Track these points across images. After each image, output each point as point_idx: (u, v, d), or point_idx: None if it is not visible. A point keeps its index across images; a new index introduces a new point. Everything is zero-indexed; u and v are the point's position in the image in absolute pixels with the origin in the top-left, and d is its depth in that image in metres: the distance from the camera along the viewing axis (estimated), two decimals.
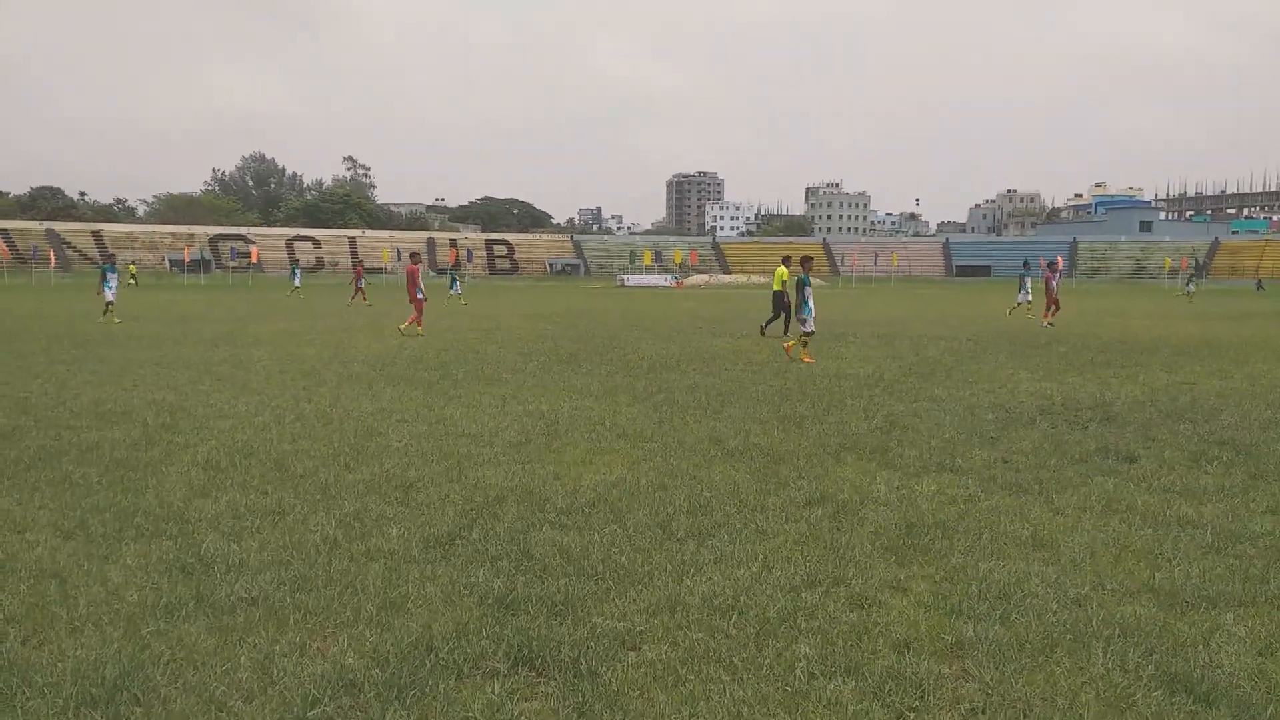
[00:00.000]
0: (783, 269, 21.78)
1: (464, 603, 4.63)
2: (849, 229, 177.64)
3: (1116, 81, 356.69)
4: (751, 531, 5.89)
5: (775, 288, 21.86)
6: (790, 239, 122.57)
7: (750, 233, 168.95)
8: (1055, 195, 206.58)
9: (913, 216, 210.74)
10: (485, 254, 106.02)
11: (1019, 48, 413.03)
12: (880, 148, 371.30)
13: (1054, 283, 25.33)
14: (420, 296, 21.83)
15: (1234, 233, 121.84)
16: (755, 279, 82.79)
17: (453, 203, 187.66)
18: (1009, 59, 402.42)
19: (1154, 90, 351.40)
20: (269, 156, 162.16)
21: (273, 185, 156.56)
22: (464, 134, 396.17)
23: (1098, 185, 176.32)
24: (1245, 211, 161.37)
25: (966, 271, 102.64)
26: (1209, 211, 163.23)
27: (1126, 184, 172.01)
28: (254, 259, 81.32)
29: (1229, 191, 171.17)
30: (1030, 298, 29.74)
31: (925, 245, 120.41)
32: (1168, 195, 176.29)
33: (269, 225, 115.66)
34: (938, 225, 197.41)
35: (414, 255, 23.24)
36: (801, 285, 16.08)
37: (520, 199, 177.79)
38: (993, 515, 6.29)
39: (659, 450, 8.37)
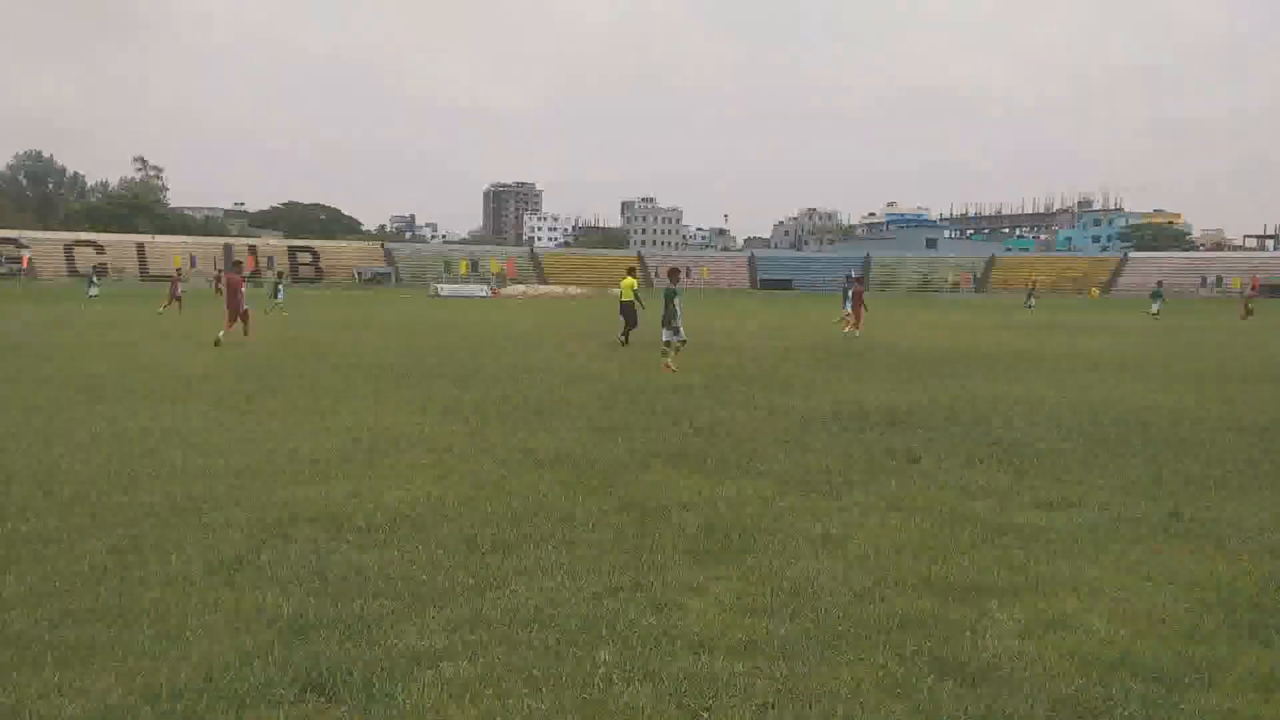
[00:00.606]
0: (630, 280, 22.41)
1: (250, 629, 4.38)
2: (663, 242, 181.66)
3: (908, 108, 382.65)
4: (558, 541, 5.89)
5: (625, 298, 22.30)
6: (608, 251, 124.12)
7: (568, 244, 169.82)
8: (852, 213, 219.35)
9: (721, 232, 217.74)
10: (288, 261, 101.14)
11: (825, 73, 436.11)
12: (692, 164, 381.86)
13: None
14: (245, 308, 20.72)
15: (1007, 250, 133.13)
16: (573, 290, 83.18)
17: (254, 207, 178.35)
18: (814, 82, 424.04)
19: (942, 119, 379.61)
20: (46, 155, 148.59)
21: (50, 186, 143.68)
22: (275, 141, 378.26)
23: (889, 204, 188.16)
24: (1017, 231, 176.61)
25: (770, 285, 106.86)
26: (987, 230, 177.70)
27: (915, 203, 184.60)
28: (25, 265, 74.42)
29: (1004, 213, 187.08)
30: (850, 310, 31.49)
31: (733, 259, 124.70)
32: (951, 215, 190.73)
33: (46, 229, 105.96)
34: (744, 240, 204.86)
35: (236, 264, 22.03)
36: (671, 296, 16.43)
37: (327, 204, 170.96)
38: (788, 515, 6.56)
39: (469, 463, 8.23)
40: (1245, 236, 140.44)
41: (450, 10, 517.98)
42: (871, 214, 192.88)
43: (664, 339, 16.44)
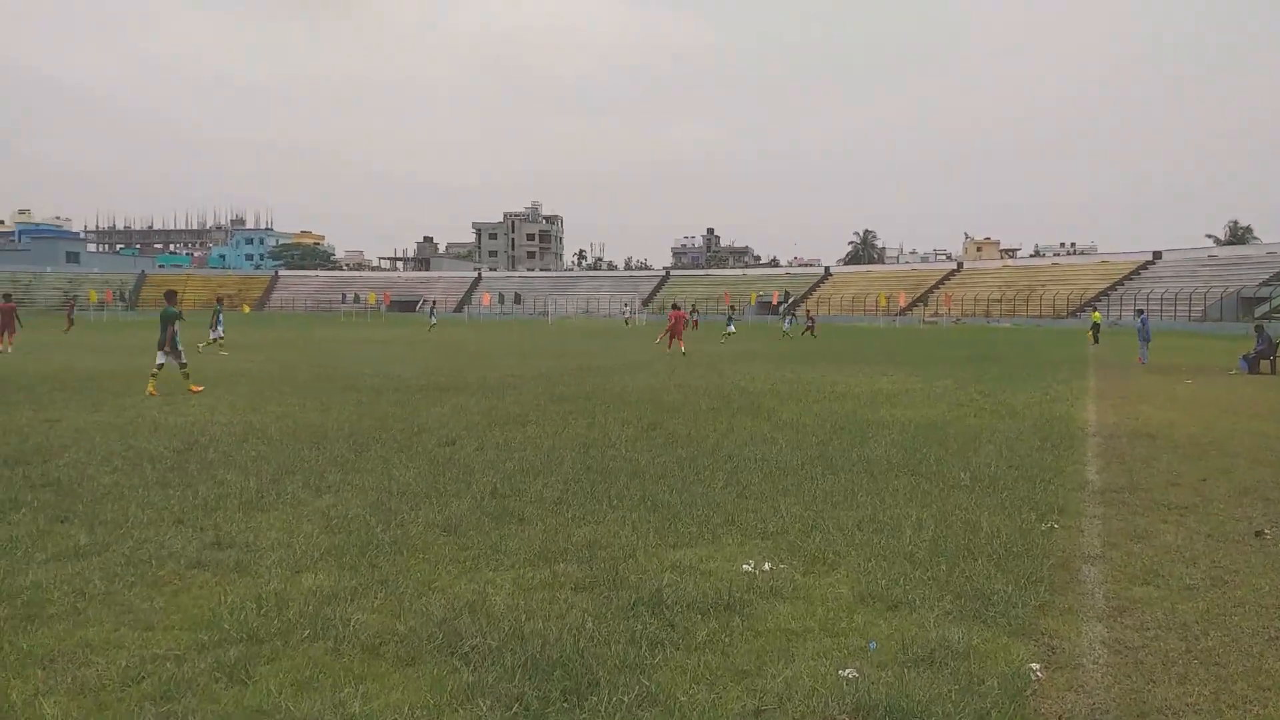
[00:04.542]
0: None
1: None
2: None
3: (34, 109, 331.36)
4: None
5: None
6: None
7: None
8: None
9: None
10: None
11: None
12: None
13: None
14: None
15: (160, 266, 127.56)
16: None
17: None
18: None
19: (60, 119, 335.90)
20: None
21: None
22: None
23: (21, 212, 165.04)
24: (171, 247, 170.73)
25: None
26: (138, 245, 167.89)
27: (54, 213, 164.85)
28: None
29: (156, 228, 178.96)
30: None
31: None
32: (98, 228, 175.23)
33: None
34: None
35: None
36: (172, 319, 15.74)
37: None
38: None
39: None
40: (380, 258, 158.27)
41: None
42: (0, 222, 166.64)
43: (158, 362, 15.92)
